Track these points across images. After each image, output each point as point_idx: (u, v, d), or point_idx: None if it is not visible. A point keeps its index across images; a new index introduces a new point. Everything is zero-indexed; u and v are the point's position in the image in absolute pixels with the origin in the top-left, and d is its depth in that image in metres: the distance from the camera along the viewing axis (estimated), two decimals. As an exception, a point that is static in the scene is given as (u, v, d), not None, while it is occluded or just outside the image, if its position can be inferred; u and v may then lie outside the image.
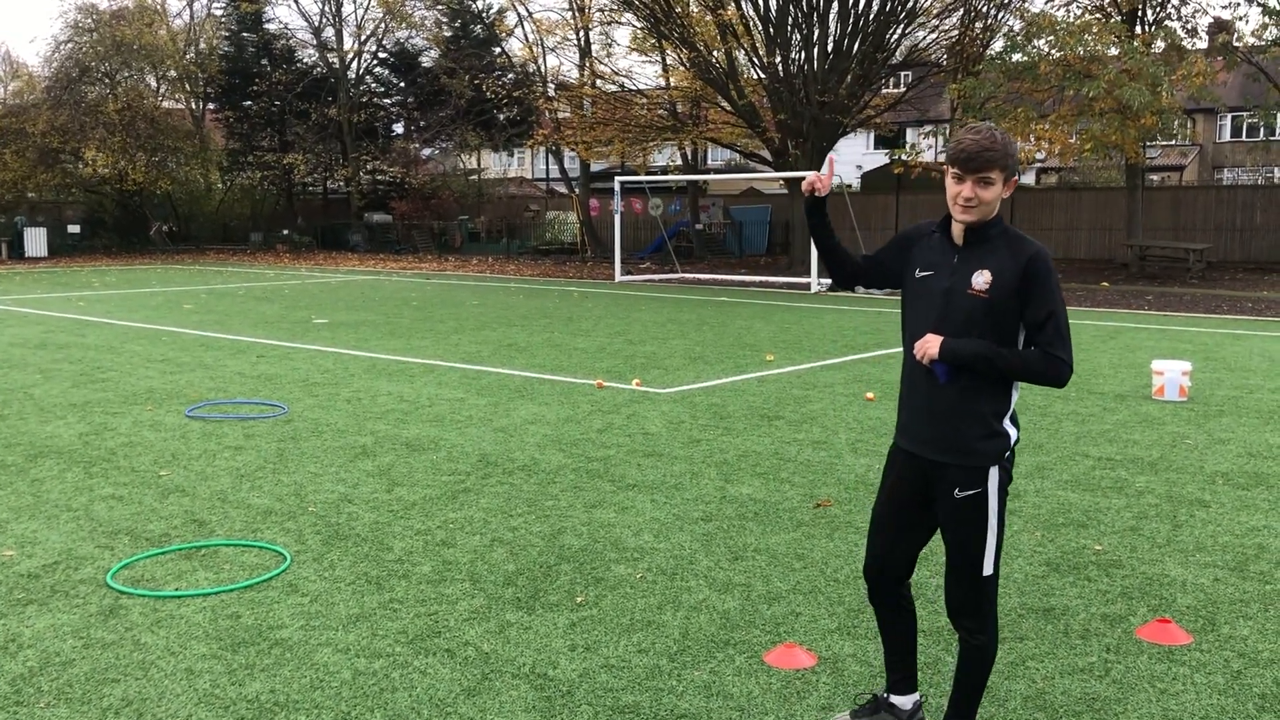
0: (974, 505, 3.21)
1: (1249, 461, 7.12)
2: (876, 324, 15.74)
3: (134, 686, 3.88)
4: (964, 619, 3.29)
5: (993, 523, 3.22)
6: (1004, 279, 3.11)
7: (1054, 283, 3.11)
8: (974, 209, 3.14)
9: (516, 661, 4.07)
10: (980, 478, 3.20)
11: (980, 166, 3.09)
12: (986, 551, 3.23)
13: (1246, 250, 29.49)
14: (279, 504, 6.18)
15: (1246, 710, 3.69)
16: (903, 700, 3.53)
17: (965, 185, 3.13)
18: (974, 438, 3.19)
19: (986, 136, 3.11)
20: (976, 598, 3.26)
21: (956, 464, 3.21)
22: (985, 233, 3.19)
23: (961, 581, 3.27)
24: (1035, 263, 3.10)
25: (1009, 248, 3.15)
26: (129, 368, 11.29)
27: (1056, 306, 3.10)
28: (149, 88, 42.93)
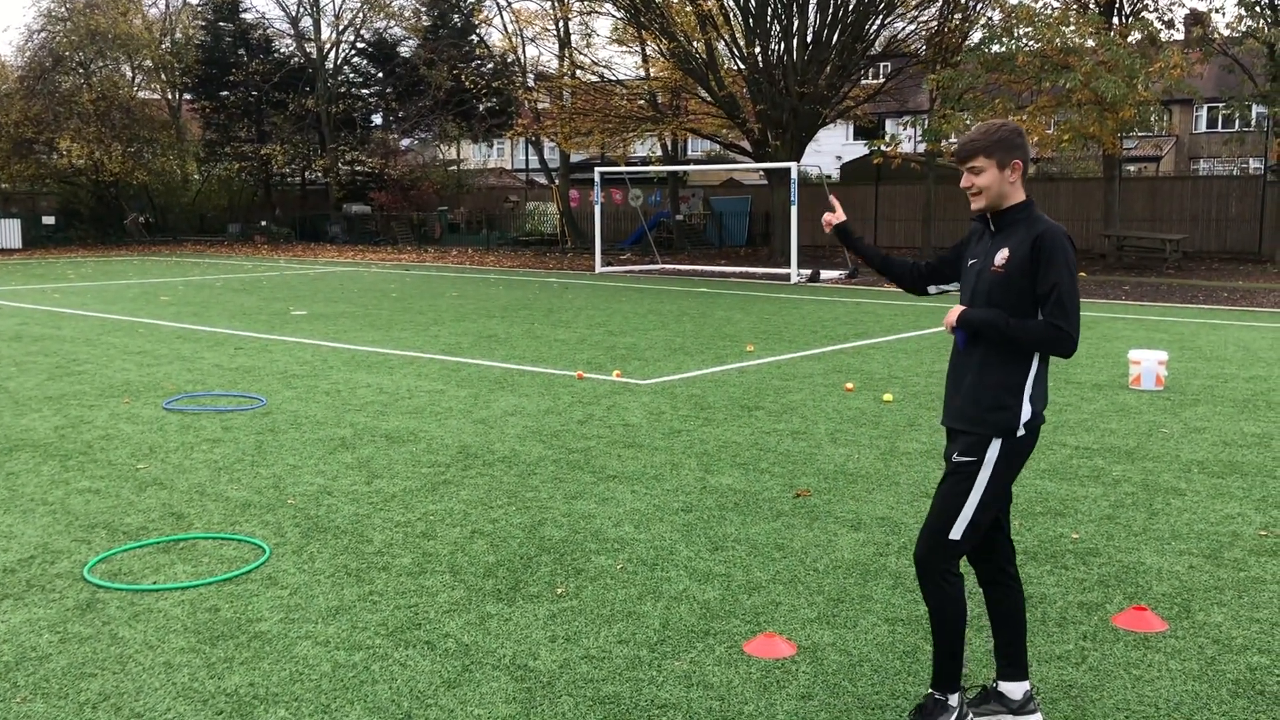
0: (965, 472, 3.36)
1: (1224, 450, 7.19)
2: (856, 315, 15.79)
3: (111, 681, 3.86)
4: (920, 572, 3.44)
5: (975, 494, 3.34)
6: (1018, 256, 3.33)
7: (1061, 259, 3.28)
8: (975, 195, 3.41)
9: (497, 653, 4.07)
10: (979, 447, 3.35)
11: (965, 156, 3.40)
12: (960, 518, 3.35)
13: (1222, 240, 29.71)
14: (258, 496, 6.15)
15: (1220, 696, 3.73)
16: (1012, 688, 3.52)
17: (963, 176, 3.44)
18: (982, 408, 3.35)
19: (977, 129, 3.41)
20: (933, 558, 3.39)
21: (963, 430, 3.40)
22: (1010, 217, 3.41)
23: (925, 536, 3.42)
24: (1041, 239, 3.29)
25: (1027, 228, 3.36)
26: (105, 360, 11.20)
27: (1060, 280, 3.25)
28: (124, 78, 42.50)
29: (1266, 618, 4.39)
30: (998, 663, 3.56)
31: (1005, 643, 3.54)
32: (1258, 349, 11.93)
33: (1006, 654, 3.54)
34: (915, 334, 13.49)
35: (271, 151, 41.85)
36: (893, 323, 14.71)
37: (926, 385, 9.65)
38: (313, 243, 40.25)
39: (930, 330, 13.87)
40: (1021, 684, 3.52)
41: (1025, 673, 3.53)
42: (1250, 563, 5.03)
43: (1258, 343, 12.47)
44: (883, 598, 4.61)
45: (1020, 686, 3.52)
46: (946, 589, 3.39)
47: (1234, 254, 28.67)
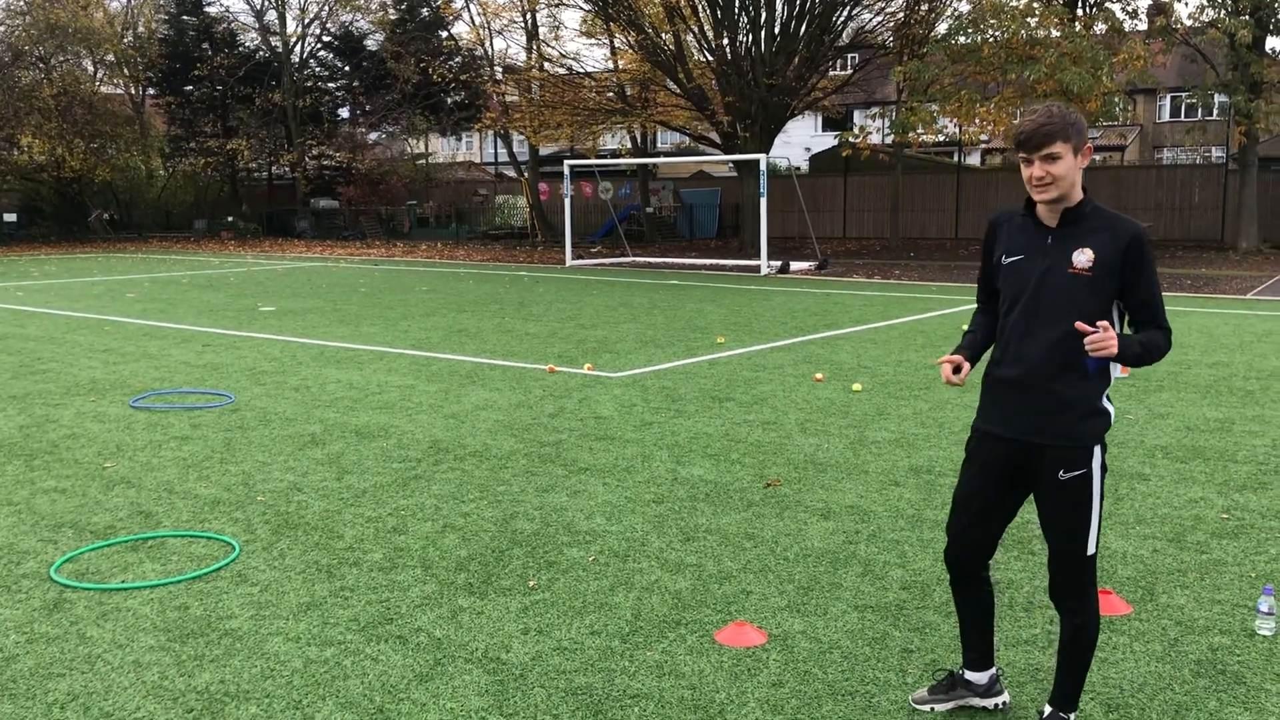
0: (1079, 486, 3.20)
1: (1187, 435, 7.29)
2: (825, 306, 15.87)
3: (80, 680, 3.83)
4: (1068, 599, 3.28)
5: (1096, 504, 3.23)
6: (1105, 257, 3.13)
7: (1152, 260, 3.19)
8: (1048, 186, 3.14)
9: (469, 646, 4.08)
10: (1085, 458, 3.20)
11: (1041, 143, 3.10)
12: (1090, 532, 3.23)
13: (1186, 229, 30.07)
14: (227, 494, 6.12)
15: (1183, 676, 3.79)
16: (978, 675, 3.54)
17: (1034, 166, 3.14)
18: (1076, 418, 3.18)
19: (1043, 114, 3.13)
20: (1080, 578, 3.26)
21: (1059, 444, 3.20)
22: (1079, 211, 3.20)
23: (1066, 563, 3.26)
24: (1137, 242, 3.14)
25: (1109, 227, 3.16)
26: (71, 358, 11.09)
27: (1156, 283, 3.19)
28: (86, 72, 42.03)
29: (1227, 599, 4.46)
30: (965, 654, 3.57)
31: (976, 638, 3.54)
32: (1220, 335, 12.10)
33: (977, 647, 3.54)
34: (884, 324, 13.57)
35: (238, 146, 41.51)
36: (861, 313, 14.80)
37: (895, 375, 9.72)
38: (280, 238, 39.97)
39: (898, 320, 13.96)
40: (988, 670, 3.56)
41: (992, 661, 3.57)
42: (1212, 545, 5.11)
43: (1220, 329, 12.65)
44: (852, 585, 4.65)
45: (986, 673, 3.56)
46: (1095, 605, 3.29)
47: (1198, 241, 29.04)
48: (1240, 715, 3.51)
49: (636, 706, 3.61)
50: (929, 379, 9.48)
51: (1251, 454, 6.78)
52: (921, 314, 14.74)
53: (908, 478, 6.31)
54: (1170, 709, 3.56)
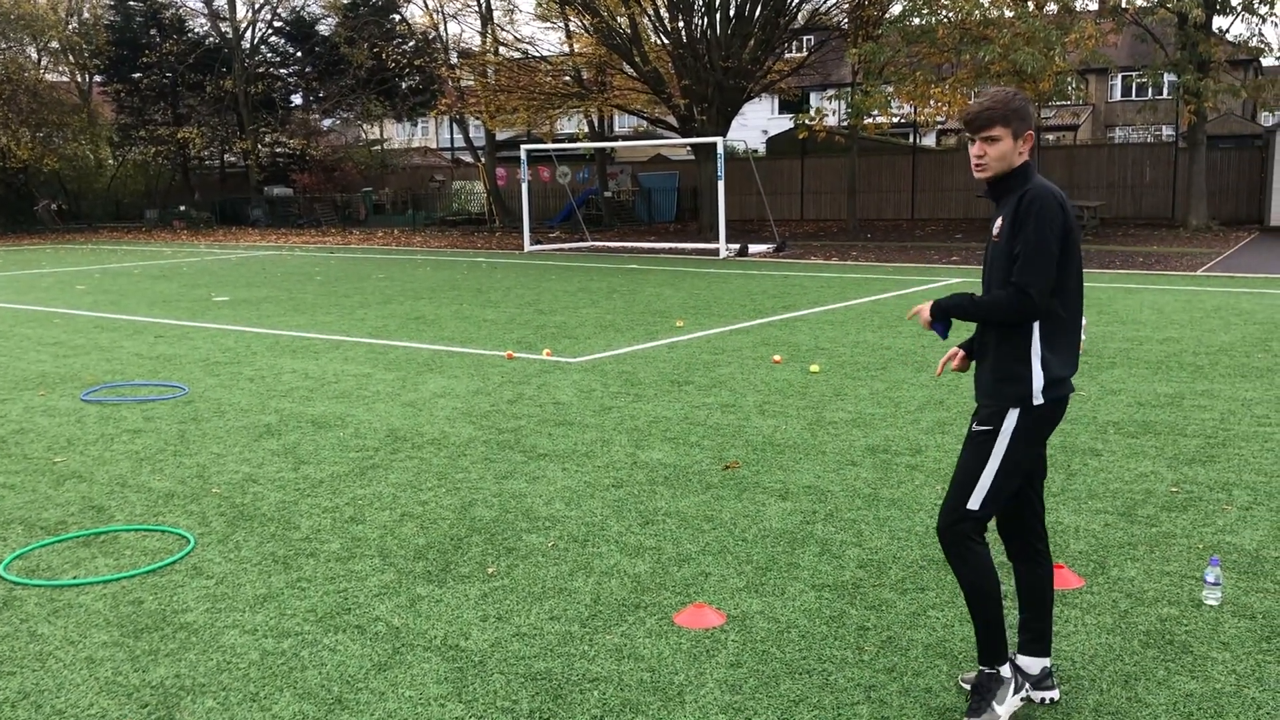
0: (983, 440, 3.32)
1: (1138, 411, 7.40)
2: (783, 288, 15.92)
3: (31, 678, 3.78)
4: (942, 544, 3.40)
5: (994, 462, 3.30)
6: (1007, 220, 3.28)
7: (1038, 218, 3.17)
8: (984, 167, 3.30)
9: (428, 634, 4.07)
10: (997, 417, 3.31)
11: (982, 125, 3.26)
12: (978, 487, 3.31)
13: (1138, 207, 30.47)
14: (181, 486, 6.05)
15: (1132, 647, 3.86)
16: (1030, 662, 3.48)
17: (975, 145, 3.31)
18: (996, 379, 3.33)
19: (989, 97, 3.28)
20: (955, 528, 3.35)
21: (982, 403, 3.39)
22: (1007, 185, 3.34)
23: (946, 507, 3.39)
24: (1020, 201, 3.23)
25: (1017, 193, 3.28)
26: (19, 352, 10.89)
27: (1031, 238, 3.17)
28: (30, 59, 41.15)
29: (1176, 570, 4.55)
30: (1020, 636, 3.54)
31: (1030, 618, 3.51)
32: (1170, 311, 12.29)
33: (1031, 629, 3.51)
34: (841, 305, 13.65)
35: (189, 134, 40.88)
36: (819, 295, 14.87)
37: (852, 355, 9.79)
38: (234, 227, 39.48)
39: (855, 301, 14.05)
40: (1041, 660, 3.49)
41: (1047, 649, 3.50)
42: (1162, 519, 5.20)
43: (1170, 305, 12.84)
44: (810, 565, 4.68)
45: (1039, 662, 3.49)
46: (972, 559, 3.32)
47: (1149, 219, 29.44)
48: (1188, 684, 3.58)
49: (596, 690, 3.62)
50: (886, 359, 9.56)
51: (1200, 428, 6.90)
52: (879, 294, 14.84)
53: (864, 457, 6.36)
54: (1120, 679, 3.62)
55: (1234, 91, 25.20)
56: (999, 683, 3.36)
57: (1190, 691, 3.54)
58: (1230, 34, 26.59)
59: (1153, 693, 3.53)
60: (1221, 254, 20.25)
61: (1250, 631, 3.96)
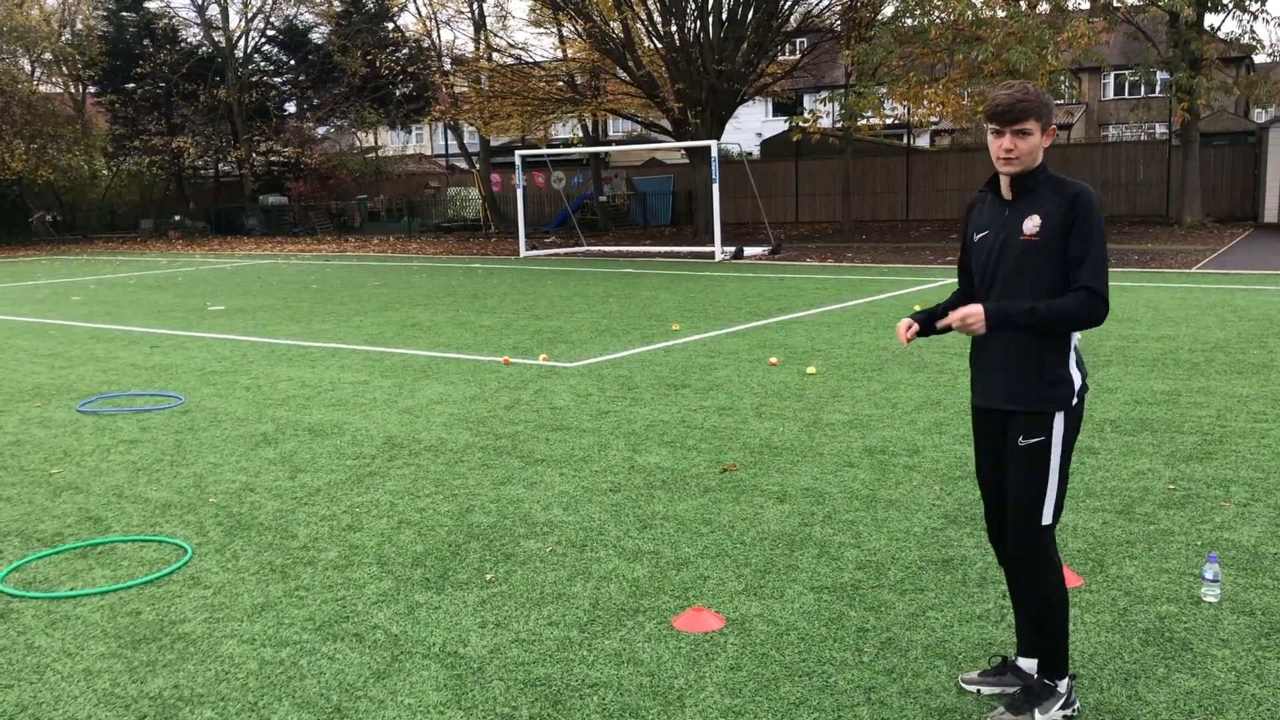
0: (1036, 453, 3.25)
1: (1135, 408, 7.40)
2: (779, 290, 15.93)
3: (28, 691, 3.77)
4: (1020, 567, 3.35)
5: (1054, 472, 3.25)
6: (1053, 220, 3.19)
7: (1095, 220, 3.16)
8: (1014, 160, 3.22)
9: (426, 642, 4.06)
10: (1043, 426, 3.25)
11: (1016, 118, 3.18)
12: (1045, 501, 3.27)
13: (1132, 204, 30.51)
14: (178, 496, 6.03)
15: (1132, 645, 3.86)
16: (1030, 663, 3.48)
17: (1005, 138, 3.22)
18: (1040, 383, 3.25)
19: (1019, 89, 3.20)
20: (1032, 547, 3.30)
21: (1022, 410, 3.27)
22: (1031, 183, 3.27)
23: (1018, 529, 3.31)
24: (1079, 199, 3.17)
25: (1055, 191, 3.23)
26: (14, 364, 10.88)
27: (1095, 242, 3.14)
28: (23, 71, 41.13)
29: (1175, 568, 4.54)
30: (1019, 640, 3.56)
31: (1024, 624, 3.53)
32: (1166, 309, 12.30)
33: (1026, 632, 3.52)
34: (837, 307, 13.66)
35: (183, 144, 40.86)
36: (815, 296, 14.88)
37: (849, 357, 9.79)
38: (229, 236, 39.45)
39: (851, 303, 14.05)
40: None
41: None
42: (1160, 516, 5.20)
43: (1166, 303, 12.86)
44: (808, 567, 4.68)
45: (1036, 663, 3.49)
46: (1051, 575, 3.31)
47: (1144, 217, 29.48)
48: (1188, 681, 3.58)
49: (595, 695, 3.61)
50: (882, 360, 9.55)
51: (1197, 425, 6.90)
52: (874, 295, 14.85)
53: (862, 459, 6.36)
54: (1120, 677, 3.62)
55: (1226, 89, 25.24)
56: (1050, 695, 3.35)
57: (1190, 689, 3.53)
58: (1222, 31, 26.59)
59: (1153, 690, 3.53)
60: (1216, 251, 20.27)
61: (1250, 628, 3.96)
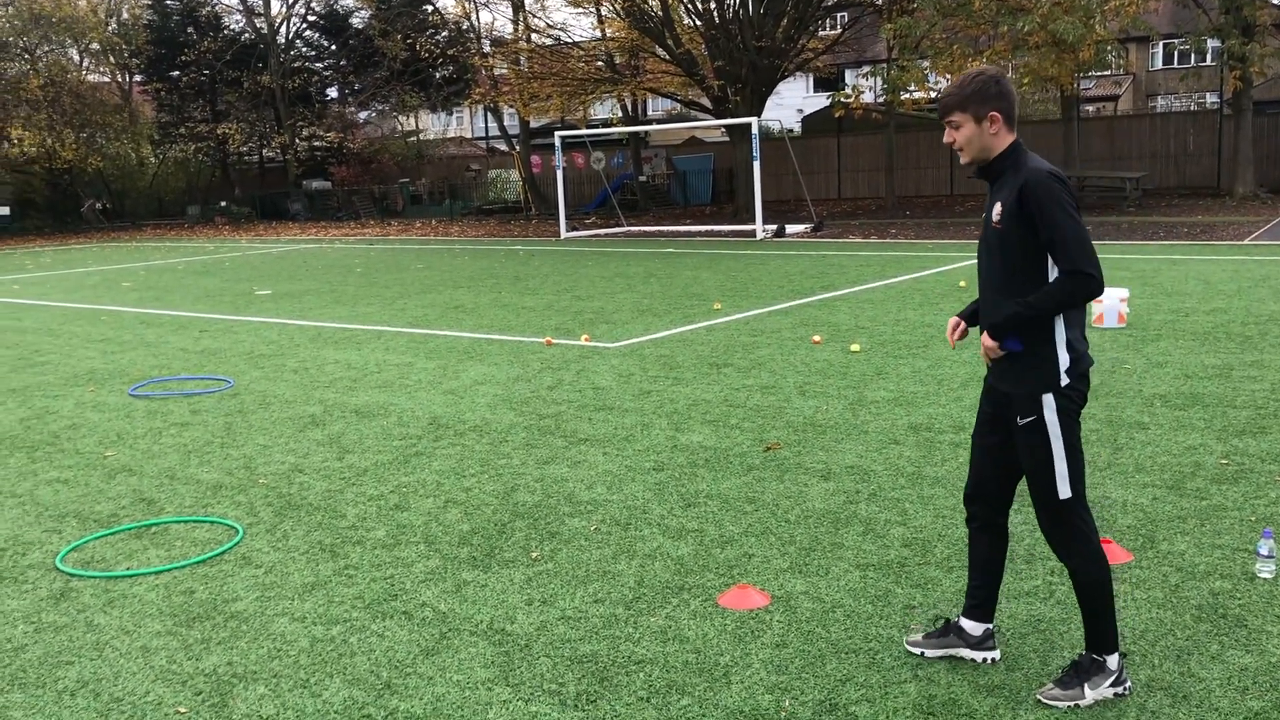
0: (1035, 431, 3.28)
1: (1185, 383, 7.29)
2: (821, 268, 15.83)
3: (89, 667, 3.86)
4: (1053, 545, 3.36)
5: (1057, 447, 3.25)
6: (1009, 208, 3.23)
7: (1051, 201, 3.13)
8: (960, 151, 3.34)
9: (474, 619, 4.10)
10: (1033, 405, 3.27)
11: (943, 113, 3.33)
12: (1059, 475, 3.26)
13: (1182, 176, 29.93)
14: (229, 478, 6.13)
15: (1184, 621, 3.81)
16: (973, 625, 3.56)
17: (946, 132, 3.36)
18: (1024, 366, 3.30)
19: (954, 83, 3.32)
20: (1057, 523, 3.31)
21: (1014, 392, 3.33)
22: (997, 169, 3.33)
23: (1039, 505, 3.34)
24: (1026, 188, 3.18)
25: (1013, 176, 3.25)
26: (69, 349, 11.09)
27: (1062, 223, 3.13)
28: (72, 61, 41.74)
29: (1227, 544, 4.48)
30: (966, 601, 3.62)
31: (977, 586, 3.59)
32: (1217, 282, 12.08)
33: (976, 596, 3.59)
34: (881, 284, 13.55)
35: (228, 131, 41.29)
36: (858, 274, 14.77)
37: (893, 334, 9.71)
38: (274, 221, 39.86)
39: (895, 279, 13.94)
40: (985, 624, 3.58)
41: (991, 615, 3.59)
42: (1212, 491, 5.12)
43: (1217, 275, 12.62)
44: (854, 544, 4.66)
45: (982, 625, 3.58)
46: (1083, 549, 3.30)
47: (1193, 189, 28.91)
48: (1242, 658, 3.53)
49: (641, 672, 3.63)
50: (927, 337, 9.47)
51: (1250, 399, 6.78)
52: (918, 272, 14.71)
53: (907, 436, 6.31)
54: (1172, 653, 3.58)
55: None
56: (1100, 670, 3.32)
57: (1245, 665, 3.49)
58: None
59: (1206, 667, 3.49)
60: (1269, 222, 19.85)
61: (1305, 604, 3.90)
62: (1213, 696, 3.31)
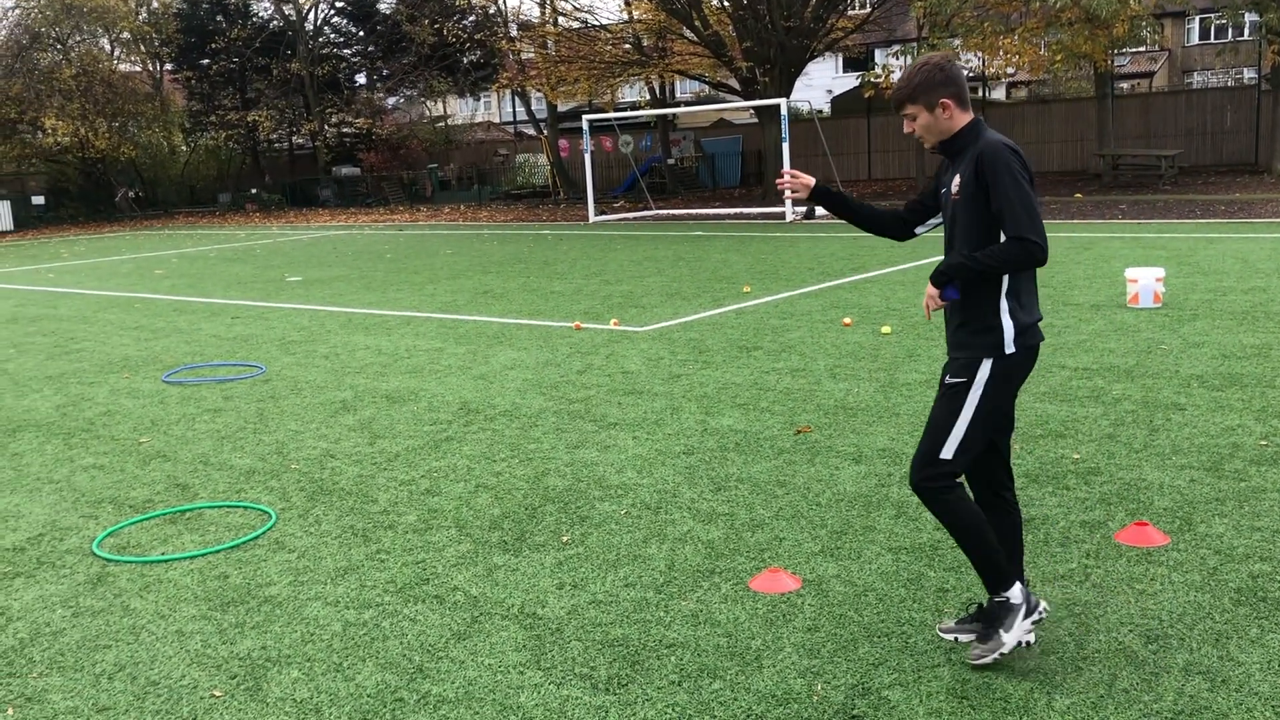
0: (956, 392, 3.39)
1: (1223, 363, 7.18)
2: (852, 250, 15.72)
3: (126, 651, 3.90)
4: (923, 498, 3.45)
5: (967, 412, 3.36)
6: (967, 179, 3.36)
7: (1005, 171, 3.25)
8: (922, 138, 3.48)
9: (505, 603, 4.11)
10: (969, 368, 3.38)
11: (896, 106, 3.49)
12: (950, 437, 3.37)
13: (1218, 153, 29.48)
14: (261, 463, 6.18)
15: (1223, 605, 3.76)
16: None
17: (904, 122, 3.52)
18: (969, 332, 3.41)
19: (903, 78, 3.46)
20: (925, 478, 3.41)
21: (954, 355, 3.46)
22: (957, 146, 3.46)
23: (918, 458, 3.44)
24: (980, 159, 3.30)
25: (972, 152, 3.38)
26: (103, 337, 11.20)
27: (1010, 192, 3.24)
28: (103, 51, 42.07)
29: (1267, 525, 4.41)
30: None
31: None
32: (1255, 260, 11.89)
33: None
34: (913, 265, 13.44)
35: (257, 118, 41.47)
36: (889, 255, 14.65)
37: (925, 316, 9.63)
38: (304, 208, 40.06)
39: (927, 260, 13.82)
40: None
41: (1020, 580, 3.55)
42: (1251, 473, 5.05)
43: (1255, 254, 12.42)
44: (886, 528, 4.63)
45: None
46: (951, 501, 3.39)
47: (1230, 166, 28.46)
48: (1282, 642, 3.48)
49: (673, 656, 3.63)
50: (958, 318, 9.39)
51: (1290, 379, 6.67)
52: (950, 253, 14.57)
53: (939, 418, 6.26)
54: (1211, 637, 3.53)
55: (1321, 29, 24.13)
56: (1007, 610, 3.40)
57: (1284, 649, 3.43)
58: (1316, -32, 25.41)
59: (1245, 651, 3.44)
60: (1309, 199, 19.51)
61: (1347, 587, 3.83)
62: (1252, 680, 3.26)
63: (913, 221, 3.75)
